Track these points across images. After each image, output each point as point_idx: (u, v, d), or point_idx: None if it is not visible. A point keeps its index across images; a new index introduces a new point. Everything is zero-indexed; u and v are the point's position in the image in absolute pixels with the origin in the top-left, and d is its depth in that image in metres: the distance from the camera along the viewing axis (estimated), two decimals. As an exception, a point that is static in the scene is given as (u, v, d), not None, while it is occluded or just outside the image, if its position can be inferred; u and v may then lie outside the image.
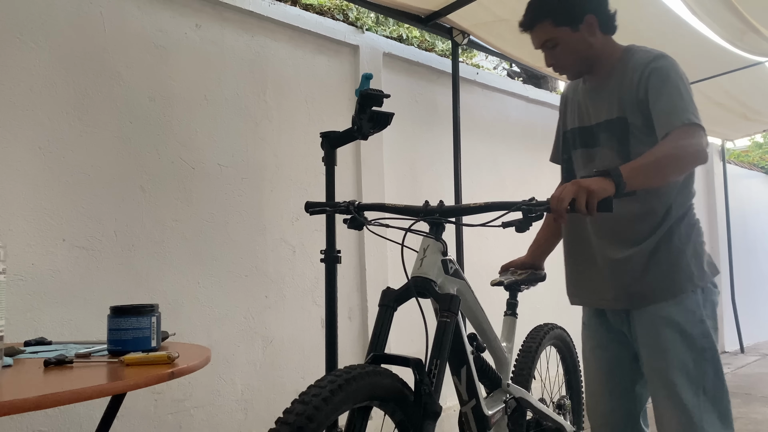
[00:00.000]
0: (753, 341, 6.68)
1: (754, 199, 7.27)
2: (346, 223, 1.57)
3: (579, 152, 1.75)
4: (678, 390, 1.54)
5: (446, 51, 3.71)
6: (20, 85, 2.02)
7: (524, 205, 1.32)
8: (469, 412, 1.59)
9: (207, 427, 2.37)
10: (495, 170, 3.79)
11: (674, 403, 1.55)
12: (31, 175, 2.03)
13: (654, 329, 1.60)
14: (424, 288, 1.45)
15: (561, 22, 1.60)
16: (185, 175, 2.40)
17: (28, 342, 1.63)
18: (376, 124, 1.84)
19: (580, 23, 1.61)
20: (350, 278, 2.96)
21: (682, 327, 1.57)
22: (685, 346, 1.56)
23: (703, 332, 1.57)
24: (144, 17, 2.34)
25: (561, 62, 1.67)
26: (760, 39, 3.39)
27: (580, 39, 1.62)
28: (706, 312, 1.59)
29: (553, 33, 1.62)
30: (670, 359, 1.56)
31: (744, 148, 8.50)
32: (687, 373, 1.55)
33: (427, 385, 1.31)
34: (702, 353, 1.56)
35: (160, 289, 2.29)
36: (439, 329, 1.40)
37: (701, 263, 1.62)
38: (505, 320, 2.02)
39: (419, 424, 1.29)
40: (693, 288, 1.59)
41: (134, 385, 1.12)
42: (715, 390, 1.56)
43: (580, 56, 1.65)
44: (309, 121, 2.85)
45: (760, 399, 4.14)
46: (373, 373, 1.22)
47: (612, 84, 1.66)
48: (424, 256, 1.48)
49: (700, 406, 1.53)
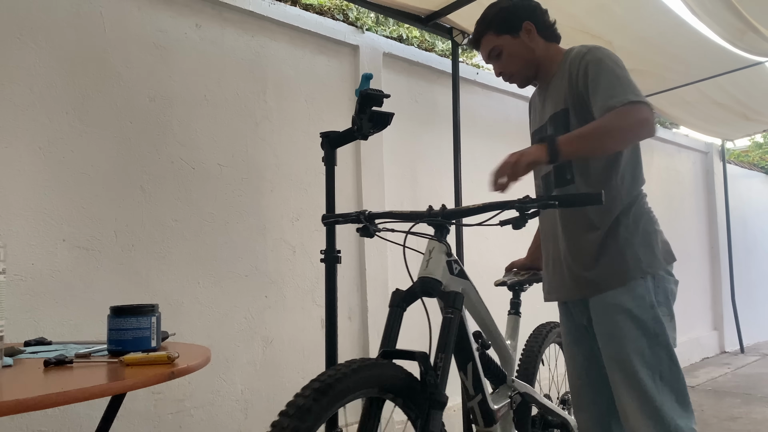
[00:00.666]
0: (753, 341, 6.69)
1: (754, 199, 7.27)
2: (358, 231, 1.67)
3: None
4: (636, 375, 1.58)
5: (446, 51, 3.71)
6: (20, 85, 2.02)
7: (518, 203, 1.39)
8: (475, 407, 1.65)
9: (207, 427, 2.37)
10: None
11: (633, 387, 1.59)
12: (31, 175, 2.03)
13: (607, 317, 1.65)
14: (431, 288, 1.51)
15: (501, 30, 1.75)
16: (185, 175, 2.40)
17: (28, 342, 1.63)
18: (376, 124, 1.84)
19: (519, 30, 1.75)
20: (350, 278, 2.96)
21: (634, 313, 1.61)
22: (639, 331, 1.60)
23: (654, 317, 1.61)
24: (144, 17, 2.34)
25: (508, 69, 1.80)
26: (760, 39, 3.39)
27: (521, 44, 1.76)
28: (657, 299, 1.63)
29: (495, 42, 1.77)
30: (626, 345, 1.60)
31: (744, 148, 8.50)
32: (643, 358, 1.59)
33: (432, 376, 1.37)
34: (656, 338, 1.60)
35: (160, 289, 2.29)
36: (444, 325, 1.46)
37: (652, 250, 1.66)
38: (509, 319, 2.09)
39: (426, 413, 1.35)
40: (642, 275, 1.63)
41: (134, 385, 1.12)
42: (671, 374, 1.60)
43: (523, 60, 1.77)
44: (309, 121, 2.85)
45: (760, 399, 4.14)
46: (382, 365, 1.30)
47: (555, 83, 1.76)
48: (430, 258, 1.55)
49: (658, 390, 1.57)
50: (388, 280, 3.10)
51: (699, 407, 3.93)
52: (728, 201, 6.33)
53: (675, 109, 4.87)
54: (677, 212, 5.76)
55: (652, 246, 1.66)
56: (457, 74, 3.32)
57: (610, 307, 1.64)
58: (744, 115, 5.04)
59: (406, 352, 1.42)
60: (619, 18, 3.23)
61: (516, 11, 1.75)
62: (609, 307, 1.65)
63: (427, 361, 1.39)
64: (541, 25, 1.77)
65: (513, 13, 1.75)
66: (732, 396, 4.27)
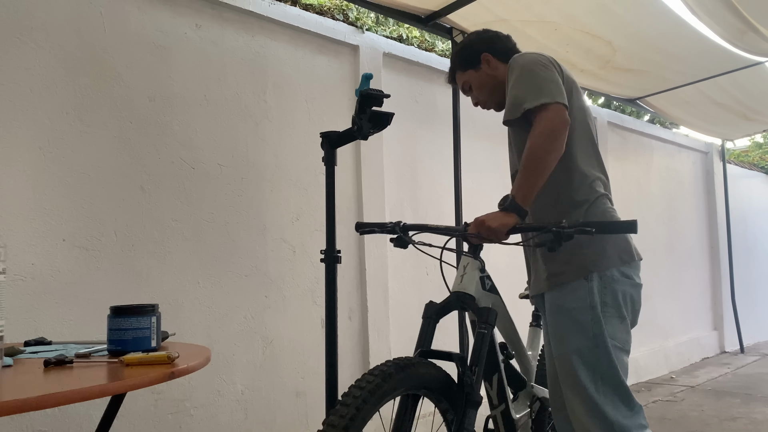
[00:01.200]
0: (753, 341, 6.69)
1: (754, 199, 7.27)
2: (392, 242, 1.78)
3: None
4: (576, 375, 1.61)
5: (446, 51, 3.71)
6: (20, 85, 2.02)
7: (555, 227, 1.45)
8: (498, 416, 1.73)
9: (207, 427, 2.37)
10: (495, 170, 3.79)
11: (575, 387, 1.61)
12: (31, 175, 2.03)
13: (552, 316, 1.70)
14: (464, 302, 1.61)
15: (465, 67, 1.90)
16: (185, 175, 2.40)
17: (28, 342, 1.64)
18: (376, 124, 1.84)
19: (479, 63, 1.87)
20: (350, 278, 2.96)
21: (574, 314, 1.63)
22: (579, 332, 1.62)
23: (594, 318, 1.61)
24: (144, 17, 2.34)
25: (480, 98, 1.92)
26: (760, 39, 3.39)
27: (483, 75, 1.88)
28: (603, 299, 1.62)
29: (464, 78, 1.92)
30: (567, 345, 1.64)
31: (744, 148, 8.50)
32: (582, 358, 1.61)
33: (469, 377, 1.46)
34: (594, 339, 1.61)
35: (160, 289, 2.29)
36: (477, 339, 1.55)
37: (603, 249, 1.65)
38: (530, 330, 2.16)
39: (462, 411, 1.44)
40: (585, 274, 1.63)
41: (134, 385, 1.12)
42: (611, 376, 1.60)
43: (490, 88, 1.88)
44: (309, 121, 2.85)
45: (760, 399, 4.14)
46: (421, 363, 1.40)
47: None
48: (464, 273, 1.64)
49: (598, 391, 1.59)
50: (388, 280, 3.10)
51: (699, 407, 3.94)
52: (728, 201, 6.33)
53: (675, 109, 4.87)
54: (677, 212, 5.76)
55: (600, 245, 1.65)
56: (457, 74, 3.32)
57: (554, 307, 1.69)
58: (744, 115, 5.04)
59: (444, 353, 1.51)
60: (619, 18, 3.23)
61: (472, 46, 1.89)
62: (553, 306, 1.70)
63: (464, 362, 1.48)
64: (498, 52, 1.87)
65: (470, 48, 1.89)
66: (732, 396, 4.26)
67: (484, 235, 1.54)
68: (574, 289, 1.64)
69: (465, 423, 1.43)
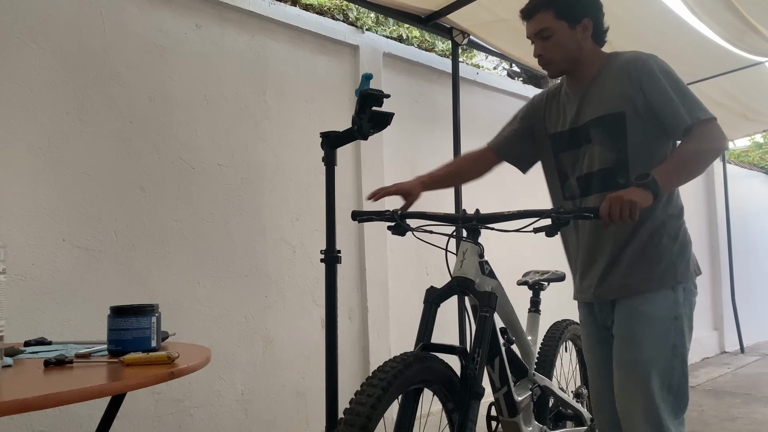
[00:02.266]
0: (753, 341, 6.68)
1: (754, 199, 7.26)
2: (390, 229, 1.76)
3: (566, 154, 1.80)
4: (650, 382, 1.60)
5: (446, 51, 3.71)
6: (20, 85, 2.02)
7: (554, 213, 1.48)
8: (501, 398, 1.76)
9: (207, 427, 2.37)
10: (495, 170, 3.79)
11: (642, 392, 1.61)
12: (31, 175, 2.03)
13: (632, 320, 1.66)
14: (465, 287, 1.63)
15: (562, 15, 1.68)
16: (185, 175, 2.40)
17: (28, 342, 1.63)
18: (376, 124, 1.84)
19: (578, 23, 1.69)
20: (350, 278, 2.96)
21: (658, 323, 1.63)
22: (659, 341, 1.62)
23: (677, 329, 1.63)
24: (144, 17, 2.34)
25: (549, 55, 1.73)
26: (760, 39, 3.39)
27: (573, 37, 1.70)
28: (684, 311, 1.65)
29: (551, 23, 1.69)
30: (644, 351, 1.62)
31: (744, 148, 8.50)
32: (657, 366, 1.61)
33: (473, 369, 1.49)
34: (673, 349, 1.62)
35: (160, 289, 2.29)
36: (480, 322, 1.58)
37: (687, 263, 1.68)
38: (530, 316, 2.21)
39: (466, 403, 1.47)
40: (674, 285, 1.65)
41: (134, 385, 1.12)
42: (679, 386, 1.62)
43: (569, 53, 1.72)
44: (309, 121, 2.85)
45: (760, 399, 4.14)
46: (425, 358, 1.42)
47: (601, 84, 1.72)
48: (464, 259, 1.65)
49: (663, 399, 1.60)
50: (388, 280, 3.10)
51: (699, 407, 3.93)
52: (728, 201, 6.33)
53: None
54: (677, 212, 5.76)
55: (687, 258, 1.69)
56: (457, 74, 3.32)
57: (636, 312, 1.65)
58: (744, 115, 5.04)
59: (446, 346, 1.53)
60: (619, 18, 3.22)
61: (582, 3, 1.71)
62: (635, 312, 1.65)
63: (467, 355, 1.51)
64: (598, 26, 1.73)
65: (579, 3, 1.70)
66: (732, 396, 4.26)
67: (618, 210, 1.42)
68: (662, 298, 1.64)
69: (469, 415, 1.45)
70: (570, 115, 1.78)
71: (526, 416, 1.85)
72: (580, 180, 1.76)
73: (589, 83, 1.74)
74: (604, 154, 1.68)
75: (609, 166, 1.69)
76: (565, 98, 1.82)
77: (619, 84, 1.67)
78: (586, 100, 1.74)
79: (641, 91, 1.63)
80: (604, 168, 1.69)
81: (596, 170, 1.71)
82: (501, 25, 3.21)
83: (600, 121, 1.69)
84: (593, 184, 1.72)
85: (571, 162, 1.78)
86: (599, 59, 1.75)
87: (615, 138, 1.67)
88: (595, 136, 1.70)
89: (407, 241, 3.24)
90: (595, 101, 1.72)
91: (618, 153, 1.66)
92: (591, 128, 1.71)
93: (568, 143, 1.79)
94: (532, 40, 1.75)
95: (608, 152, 1.68)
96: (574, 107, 1.77)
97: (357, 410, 1.25)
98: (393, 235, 3.16)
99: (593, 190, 1.72)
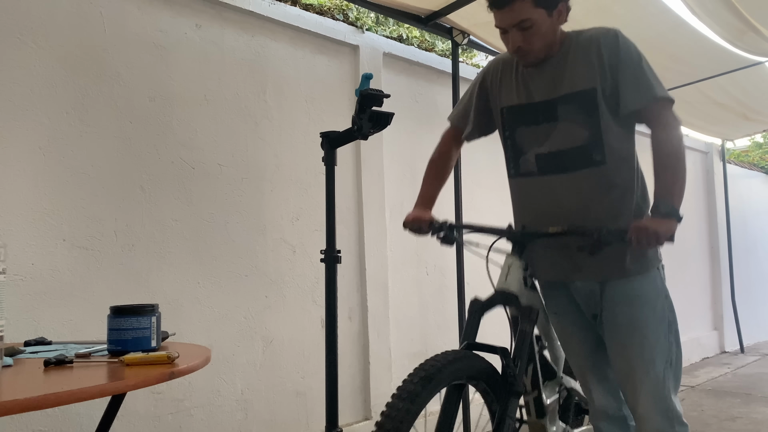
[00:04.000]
0: (753, 341, 6.68)
1: (754, 199, 7.26)
2: (440, 240, 1.83)
3: (525, 129, 1.78)
4: (653, 362, 1.65)
5: (446, 51, 3.71)
6: (20, 85, 2.02)
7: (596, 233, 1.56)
8: (531, 401, 1.83)
9: (207, 427, 2.37)
10: (495, 170, 3.79)
11: (649, 374, 1.65)
12: (31, 175, 2.03)
13: (627, 305, 1.69)
14: (508, 300, 1.72)
15: (540, 3, 1.62)
16: (185, 175, 2.40)
17: (28, 342, 1.63)
18: (376, 124, 1.84)
19: (554, 9, 1.65)
20: (350, 278, 2.96)
21: (652, 303, 1.68)
22: (655, 320, 1.67)
23: (668, 307, 1.70)
24: (144, 17, 2.34)
25: (529, 45, 1.66)
26: (760, 39, 3.39)
27: (551, 25, 1.66)
28: (666, 287, 1.72)
29: (530, 14, 1.61)
30: (647, 334, 1.66)
31: (744, 148, 8.49)
32: (659, 345, 1.66)
33: (512, 368, 1.59)
34: (669, 326, 1.68)
35: (160, 289, 2.29)
36: (521, 335, 1.67)
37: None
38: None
39: (506, 400, 1.58)
40: (658, 264, 1.72)
41: (134, 385, 1.12)
42: (677, 360, 1.70)
43: (547, 41, 1.68)
44: (309, 121, 2.85)
45: (760, 399, 4.14)
46: (470, 356, 1.54)
47: (567, 61, 1.70)
48: (509, 272, 1.73)
49: (666, 376, 1.66)
50: (388, 280, 3.10)
51: (699, 407, 3.93)
52: (728, 201, 6.33)
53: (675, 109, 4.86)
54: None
55: None
56: (457, 74, 3.32)
57: (633, 297, 1.69)
58: (744, 115, 5.04)
59: (489, 346, 1.63)
60: (619, 18, 3.22)
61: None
62: (632, 297, 1.69)
63: (507, 355, 1.61)
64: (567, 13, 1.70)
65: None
66: (732, 396, 4.26)
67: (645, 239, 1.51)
68: (651, 279, 1.69)
69: (508, 411, 1.56)
70: (533, 91, 1.75)
71: (552, 417, 1.90)
72: (540, 158, 1.75)
73: (554, 60, 1.72)
74: (576, 132, 1.67)
75: (582, 143, 1.67)
76: (524, 72, 1.78)
77: (588, 61, 1.67)
78: (552, 76, 1.72)
79: (608, 67, 1.64)
80: (577, 146, 1.68)
81: (568, 148, 1.69)
82: (501, 25, 3.20)
83: (571, 98, 1.68)
84: (564, 162, 1.70)
85: (528, 137, 1.77)
86: (560, 36, 1.74)
87: (587, 114, 1.66)
88: (565, 113, 1.69)
89: (407, 241, 3.24)
90: (564, 78, 1.70)
91: (591, 129, 1.66)
92: (560, 105, 1.70)
93: (526, 118, 1.77)
94: (506, 30, 1.67)
95: (581, 129, 1.67)
96: (539, 83, 1.74)
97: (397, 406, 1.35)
98: (393, 235, 3.16)
99: (568, 169, 1.70)
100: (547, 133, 1.72)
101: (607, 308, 1.72)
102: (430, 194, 1.97)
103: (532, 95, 1.76)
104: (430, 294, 3.33)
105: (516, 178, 1.86)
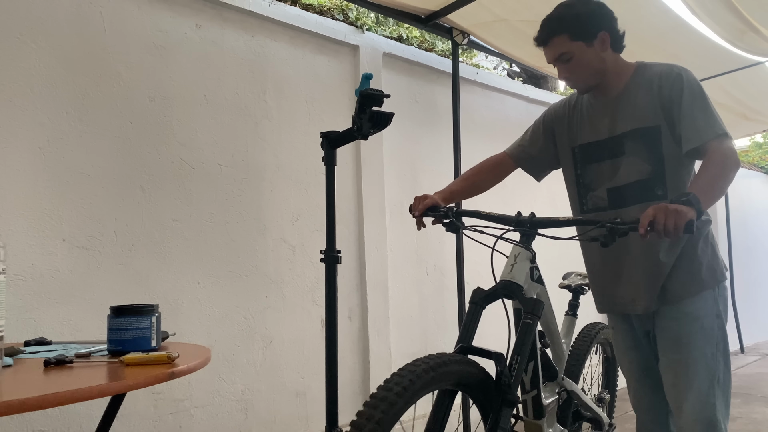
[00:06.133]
0: (753, 341, 6.68)
1: (754, 199, 7.26)
2: (444, 226, 1.77)
3: (594, 166, 1.81)
4: (700, 380, 1.66)
5: (446, 51, 3.71)
6: (20, 85, 2.02)
7: (609, 223, 1.48)
8: (529, 400, 1.77)
9: (207, 427, 2.37)
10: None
11: (695, 391, 1.66)
12: (31, 175, 2.03)
13: (677, 323, 1.71)
14: (512, 291, 1.62)
15: (577, 36, 1.69)
16: (185, 175, 2.40)
17: (28, 342, 1.63)
18: (376, 124, 1.84)
19: (594, 39, 1.70)
20: (350, 278, 2.96)
21: (702, 322, 1.68)
22: (705, 339, 1.67)
23: (719, 326, 1.70)
24: (144, 17, 2.34)
25: (574, 75, 1.75)
26: (760, 39, 3.39)
27: (593, 54, 1.71)
28: (721, 308, 1.72)
29: (569, 47, 1.70)
30: (692, 351, 1.67)
31: (744, 148, 8.49)
32: (705, 362, 1.66)
33: (507, 376, 1.49)
34: (717, 346, 1.68)
35: (160, 289, 2.29)
36: (522, 329, 1.58)
37: (719, 262, 1.75)
38: (566, 319, 2.24)
39: (498, 410, 1.47)
40: (712, 286, 1.71)
41: (134, 385, 1.12)
42: (724, 379, 1.69)
43: (593, 70, 1.73)
44: (309, 121, 2.85)
45: (760, 399, 4.14)
46: (459, 361, 1.41)
47: (632, 96, 1.74)
48: (515, 263, 1.64)
49: (714, 395, 1.66)
50: (388, 280, 3.10)
51: (699, 407, 3.93)
52: (728, 201, 6.33)
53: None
54: (677, 212, 5.75)
55: (719, 258, 1.74)
56: (457, 74, 3.32)
57: (682, 315, 1.70)
58: (744, 115, 5.04)
59: (484, 350, 1.52)
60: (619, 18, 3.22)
61: (594, 18, 1.70)
62: (681, 314, 1.70)
63: (503, 362, 1.50)
64: (614, 35, 1.73)
65: (591, 20, 1.70)
66: (732, 396, 4.25)
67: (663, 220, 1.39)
68: (705, 299, 1.69)
69: (500, 422, 1.46)
70: (600, 127, 1.79)
71: (550, 419, 1.88)
72: (611, 192, 1.77)
73: (619, 95, 1.76)
74: (641, 166, 1.71)
75: (646, 177, 1.71)
76: (590, 109, 1.83)
77: (652, 97, 1.69)
78: (617, 112, 1.75)
79: (670, 105, 1.66)
80: (641, 180, 1.72)
81: (633, 182, 1.73)
82: (501, 25, 3.20)
83: (636, 134, 1.71)
84: (628, 195, 1.74)
85: (599, 174, 1.80)
86: (625, 69, 1.77)
87: (651, 150, 1.69)
88: (631, 149, 1.72)
89: (407, 241, 3.24)
90: (629, 114, 1.73)
91: (654, 165, 1.69)
92: (626, 140, 1.73)
93: (596, 155, 1.80)
94: (553, 65, 1.77)
95: (645, 164, 1.71)
96: (605, 119, 1.78)
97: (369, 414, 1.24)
98: (393, 235, 3.16)
99: (629, 201, 1.74)
100: (616, 167, 1.76)
101: (658, 325, 1.75)
102: (451, 189, 1.99)
103: (600, 131, 1.80)
104: (430, 294, 3.33)
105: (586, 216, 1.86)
